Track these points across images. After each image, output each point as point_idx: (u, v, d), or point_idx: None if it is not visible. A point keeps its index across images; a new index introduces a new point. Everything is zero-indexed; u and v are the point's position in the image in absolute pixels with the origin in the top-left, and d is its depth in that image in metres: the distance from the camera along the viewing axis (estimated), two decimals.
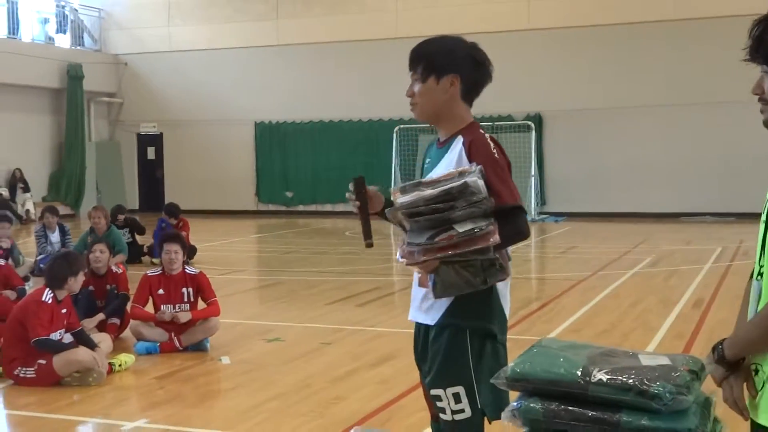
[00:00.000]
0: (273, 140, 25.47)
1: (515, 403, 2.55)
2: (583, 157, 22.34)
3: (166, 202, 17.75)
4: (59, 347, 6.49)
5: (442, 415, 3.15)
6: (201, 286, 7.77)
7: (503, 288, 3.15)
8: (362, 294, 10.62)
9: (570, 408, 2.42)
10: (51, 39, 25.85)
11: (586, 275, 11.82)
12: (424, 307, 3.16)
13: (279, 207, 25.44)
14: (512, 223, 2.99)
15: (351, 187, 3.17)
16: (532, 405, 2.48)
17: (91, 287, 8.05)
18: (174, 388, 6.52)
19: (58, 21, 26.02)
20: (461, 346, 3.10)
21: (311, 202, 25.17)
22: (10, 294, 8.41)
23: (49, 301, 6.57)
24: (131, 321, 7.81)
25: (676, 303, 9.50)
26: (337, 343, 7.86)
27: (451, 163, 3.12)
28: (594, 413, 2.39)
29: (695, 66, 21.22)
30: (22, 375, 6.48)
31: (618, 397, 2.37)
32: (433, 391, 3.16)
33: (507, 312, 3.21)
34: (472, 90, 3.22)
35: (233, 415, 5.74)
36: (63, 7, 26.07)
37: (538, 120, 22.64)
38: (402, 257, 2.98)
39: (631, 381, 2.37)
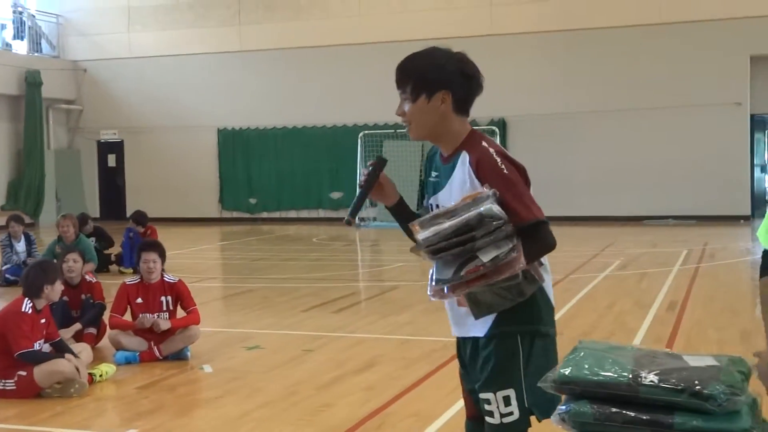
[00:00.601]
0: (236, 147, 25.30)
1: (563, 407, 2.53)
2: (547, 162, 22.44)
3: (128, 210, 17.54)
4: (45, 358, 6.36)
5: (489, 419, 3.12)
6: (180, 295, 7.66)
7: (546, 279, 3.12)
8: (337, 300, 10.56)
9: (623, 411, 2.39)
10: (8, 45, 25.47)
11: (559, 278, 11.86)
12: (470, 321, 3.11)
13: (243, 214, 25.27)
14: (536, 239, 2.96)
15: (370, 163, 3.24)
16: (582, 409, 2.45)
17: (65, 297, 7.89)
18: (158, 398, 6.42)
19: (16, 27, 25.62)
20: (513, 351, 3.08)
21: (275, 208, 25.05)
22: None
23: (29, 311, 6.43)
24: (110, 330, 7.68)
25: (651, 305, 9.58)
26: (319, 350, 7.80)
27: (464, 183, 3.07)
28: (647, 416, 2.37)
29: (657, 71, 21.50)
30: (1, 387, 6.34)
31: (671, 399, 2.35)
32: (483, 395, 3.13)
33: (552, 300, 3.18)
34: (464, 104, 3.20)
35: (222, 424, 5.66)
36: (20, 13, 25.69)
37: (502, 125, 22.76)
38: (432, 295, 2.97)
39: (683, 382, 2.35)
